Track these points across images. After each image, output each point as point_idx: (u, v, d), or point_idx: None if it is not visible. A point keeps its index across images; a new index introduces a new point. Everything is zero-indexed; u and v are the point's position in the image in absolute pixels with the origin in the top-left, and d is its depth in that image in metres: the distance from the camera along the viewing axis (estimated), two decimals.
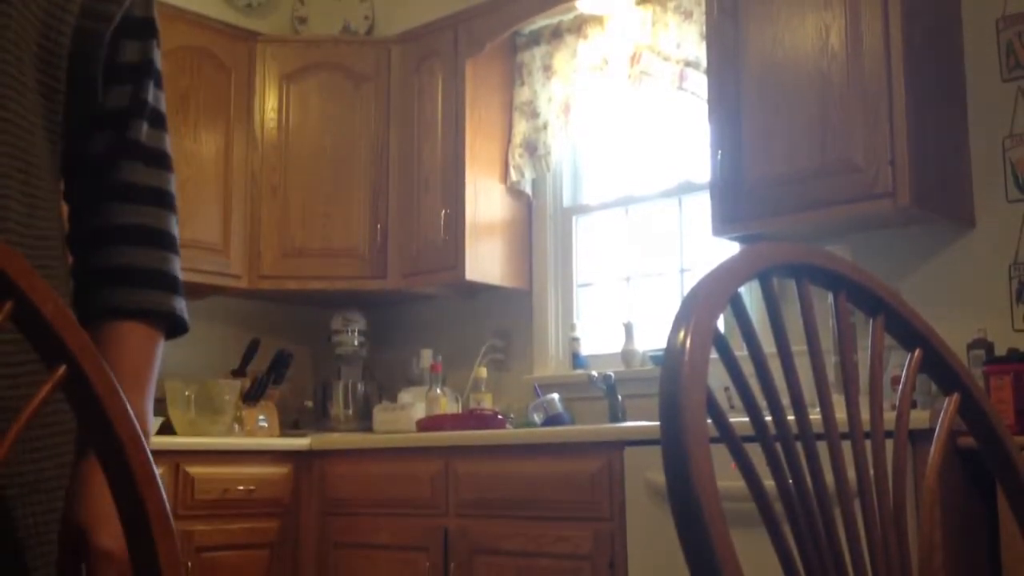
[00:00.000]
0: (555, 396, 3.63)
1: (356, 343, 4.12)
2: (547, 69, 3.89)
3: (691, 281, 3.59)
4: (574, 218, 3.96)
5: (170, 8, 3.76)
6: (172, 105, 2.55)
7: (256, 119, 4.02)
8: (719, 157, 3.12)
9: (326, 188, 4.03)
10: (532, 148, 3.90)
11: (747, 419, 0.85)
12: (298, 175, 4.03)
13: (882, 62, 2.84)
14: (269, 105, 4.05)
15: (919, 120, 2.84)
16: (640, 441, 2.90)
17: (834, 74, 2.91)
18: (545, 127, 3.85)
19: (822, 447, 0.85)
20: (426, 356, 3.96)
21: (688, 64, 3.45)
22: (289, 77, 4.10)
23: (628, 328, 3.62)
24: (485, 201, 3.90)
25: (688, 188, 3.62)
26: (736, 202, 3.08)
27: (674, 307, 2.99)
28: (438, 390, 3.84)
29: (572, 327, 3.86)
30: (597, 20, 3.74)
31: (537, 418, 3.63)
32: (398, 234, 4.00)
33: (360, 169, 4.07)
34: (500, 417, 3.61)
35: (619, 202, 3.84)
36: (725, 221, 3.11)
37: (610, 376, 3.52)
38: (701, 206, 3.46)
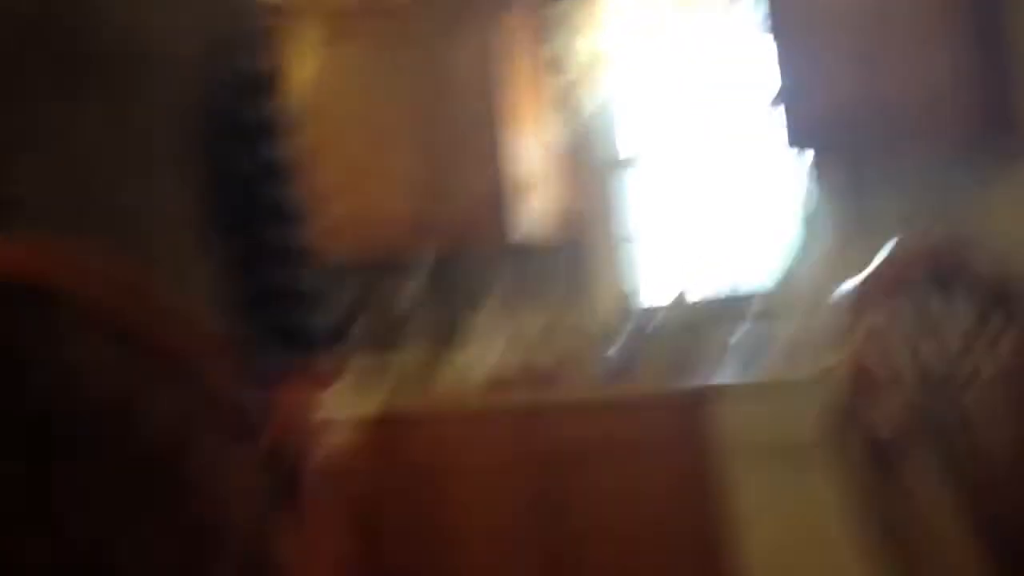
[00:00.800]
0: (612, 348, 3.75)
1: (411, 306, 4.21)
2: (580, 18, 3.88)
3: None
4: (619, 168, 4.01)
5: None
6: None
7: (293, 90, 4.02)
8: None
9: (364, 153, 4.05)
10: (569, 100, 3.93)
11: None
12: (335, 140, 4.01)
13: None
14: (306, 75, 4.05)
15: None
16: None
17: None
18: (582, 77, 3.88)
19: None
20: (483, 314, 4.05)
21: None
22: (326, 44, 4.08)
23: (686, 279, 3.74)
24: (525, 158, 3.93)
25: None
26: (810, 117, 3.15)
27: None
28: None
29: (623, 275, 3.95)
30: None
31: (597, 369, 3.75)
32: (440, 196, 4.04)
33: (398, 135, 4.08)
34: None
35: (662, 153, 3.90)
36: (799, 134, 3.19)
37: (671, 334, 3.64)
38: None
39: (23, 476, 0.72)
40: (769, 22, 3.23)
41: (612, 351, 3.71)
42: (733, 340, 3.47)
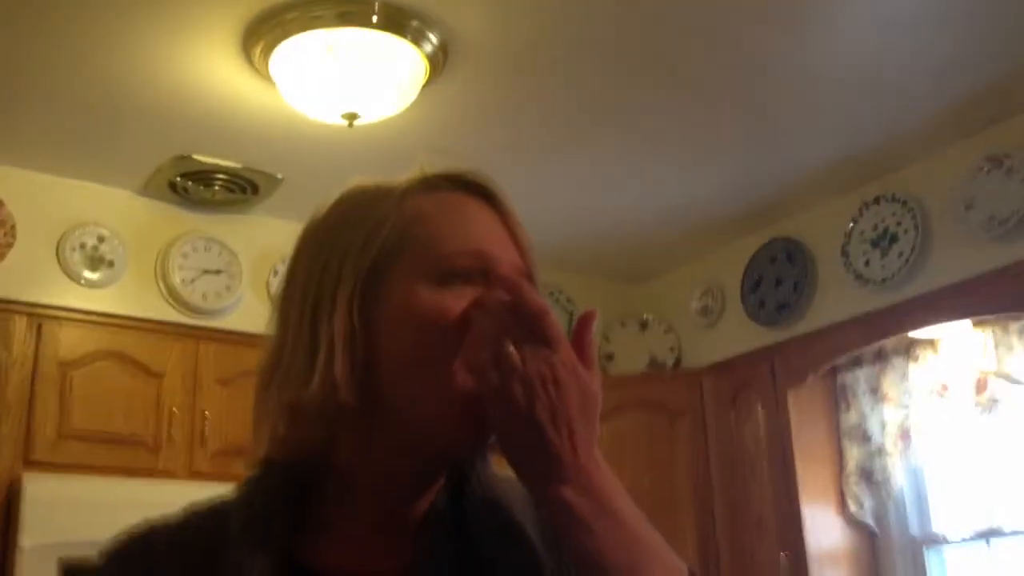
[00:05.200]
0: None
1: None
2: (875, 392, 3.73)
3: None
4: (925, 550, 3.69)
5: None
6: None
7: None
8: None
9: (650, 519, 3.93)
10: (868, 475, 3.71)
11: None
12: None
13: None
14: None
15: None
16: None
17: None
18: (880, 453, 3.66)
19: None
20: None
21: None
22: (602, 417, 4.09)
23: None
24: (825, 536, 3.70)
25: None
26: None
27: None
28: None
29: None
30: (928, 342, 3.60)
31: None
32: (732, 570, 3.84)
33: (685, 509, 3.97)
34: None
35: (979, 535, 3.56)
36: None
37: None
38: None
39: None
40: None
41: None
42: None
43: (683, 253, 4.27)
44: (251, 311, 3.63)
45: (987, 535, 3.51)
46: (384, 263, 0.86)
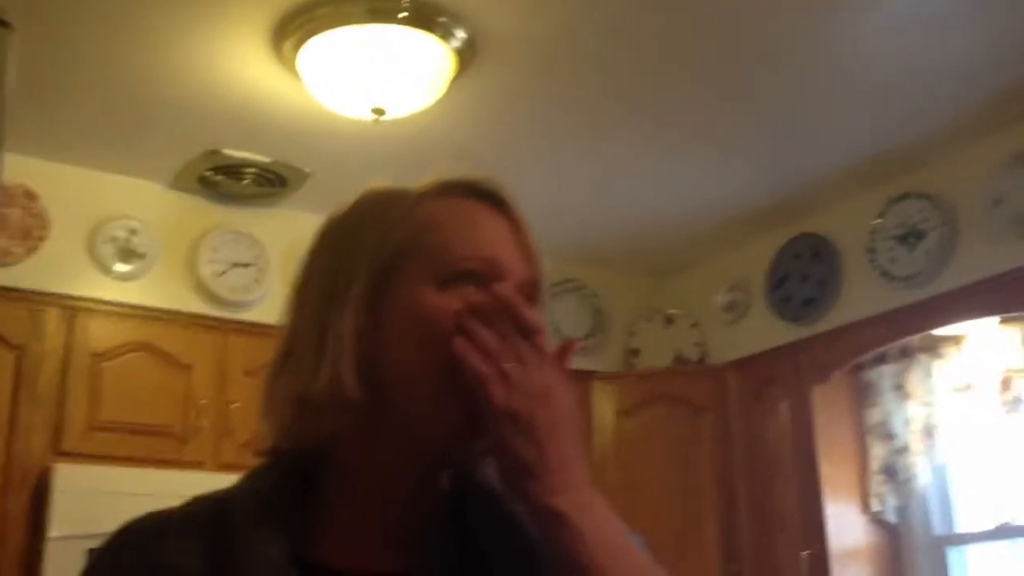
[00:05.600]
0: None
1: None
2: (899, 389, 3.72)
3: None
4: (948, 549, 3.68)
5: None
6: None
7: (595, 461, 4.03)
8: None
9: (674, 526, 3.95)
10: (892, 473, 3.70)
11: None
12: (644, 517, 3.96)
13: None
14: (608, 445, 4.07)
15: None
16: None
17: None
18: (905, 450, 3.66)
19: None
20: None
21: None
22: (627, 412, 4.12)
23: None
24: (848, 534, 3.70)
25: None
26: None
27: None
28: None
29: None
30: (953, 339, 3.59)
31: None
32: (755, 567, 3.84)
33: (708, 504, 3.98)
34: None
35: (1001, 532, 3.55)
36: None
37: None
38: None
39: None
40: None
41: None
42: None
43: (709, 248, 4.27)
44: (279, 304, 3.61)
45: (1010, 534, 3.50)
46: (395, 265, 0.89)
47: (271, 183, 3.56)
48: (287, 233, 3.75)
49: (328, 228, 0.96)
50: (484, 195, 0.93)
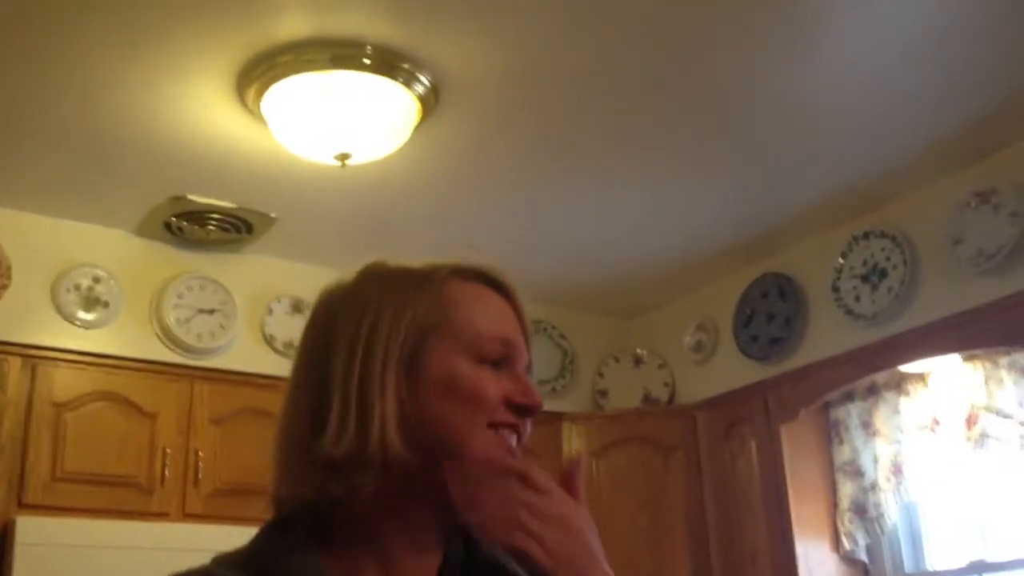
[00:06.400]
0: None
1: None
2: (867, 426, 3.74)
3: None
4: None
5: None
6: None
7: None
8: None
9: (646, 566, 3.93)
10: (862, 510, 3.71)
11: None
12: (616, 559, 3.94)
13: None
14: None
15: None
16: None
17: None
18: (874, 488, 3.67)
19: None
20: None
21: None
22: (597, 454, 4.12)
23: None
24: (819, 572, 3.69)
25: None
26: None
27: None
28: None
29: None
30: (919, 377, 3.62)
31: None
32: None
33: (679, 544, 3.97)
34: None
35: (972, 568, 3.56)
36: None
37: None
38: None
39: None
40: None
41: None
42: None
43: (676, 288, 4.29)
44: (245, 350, 3.64)
45: (980, 569, 3.51)
46: (427, 338, 1.01)
47: (236, 229, 3.55)
48: (254, 278, 3.74)
49: (338, 300, 1.05)
50: (495, 283, 1.08)
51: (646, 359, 4.42)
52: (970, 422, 3.43)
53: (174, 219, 3.47)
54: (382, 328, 1.00)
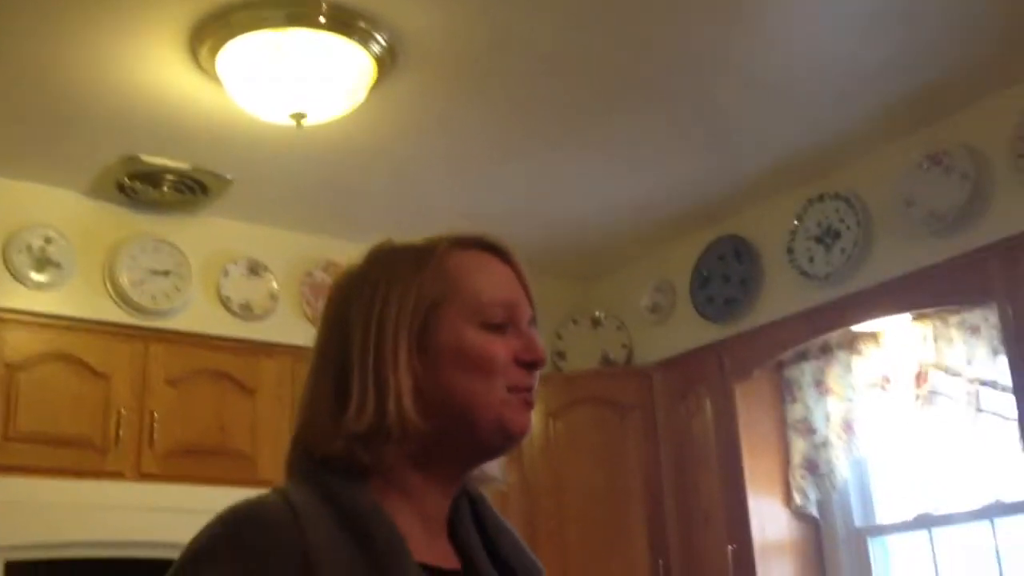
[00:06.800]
0: None
1: None
2: (820, 385, 3.80)
3: None
4: (868, 540, 3.77)
5: None
6: None
7: (525, 463, 4.04)
8: None
9: (602, 529, 3.98)
10: (813, 467, 3.78)
11: None
12: (574, 517, 4.00)
13: None
14: (536, 447, 4.09)
15: None
16: None
17: None
18: (825, 445, 3.74)
19: None
20: None
21: (984, 383, 3.33)
22: (555, 414, 4.15)
23: None
24: (771, 527, 3.77)
25: (1002, 509, 3.41)
26: None
27: None
28: None
29: None
30: (871, 336, 3.68)
31: None
32: (681, 571, 3.89)
33: (636, 502, 4.02)
34: None
35: (919, 522, 3.64)
36: None
37: None
38: (1019, 528, 3.26)
39: None
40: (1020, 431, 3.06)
41: None
42: None
43: (634, 251, 4.32)
44: (200, 312, 3.62)
45: (927, 523, 3.59)
46: (434, 308, 1.08)
47: (191, 190, 3.52)
48: (209, 240, 3.71)
49: (350, 285, 1.12)
50: (492, 248, 1.15)
51: (604, 321, 4.45)
52: (919, 380, 3.50)
53: (127, 180, 3.43)
54: (391, 307, 1.07)
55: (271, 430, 3.53)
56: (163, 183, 3.46)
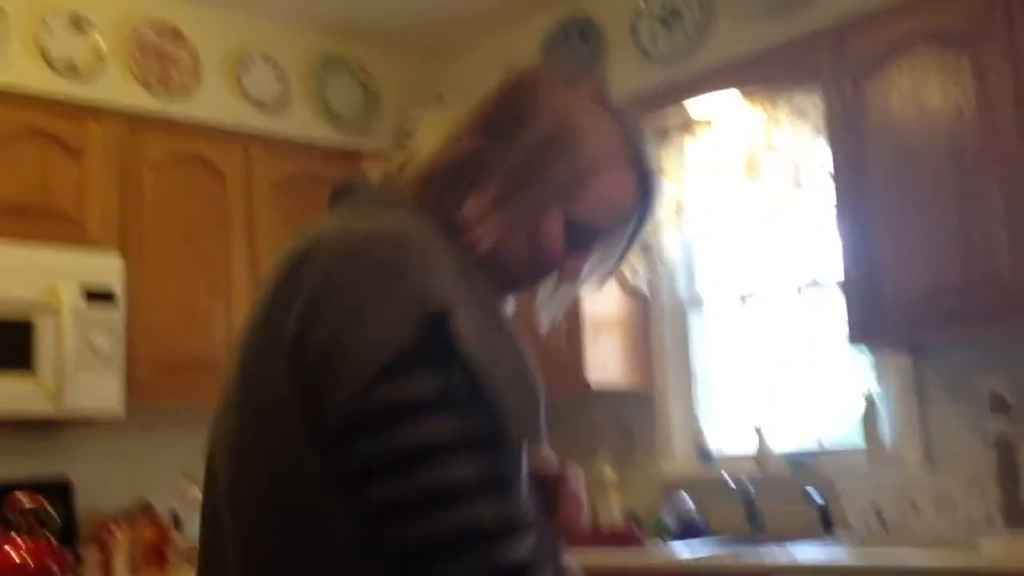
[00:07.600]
0: (686, 497, 3.66)
1: None
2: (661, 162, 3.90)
3: (821, 383, 3.58)
4: (689, 313, 3.97)
5: (279, 140, 3.90)
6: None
7: None
8: (852, 262, 3.12)
9: None
10: (645, 247, 3.91)
11: None
12: None
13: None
14: None
15: None
16: None
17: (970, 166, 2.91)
18: (657, 226, 3.87)
19: None
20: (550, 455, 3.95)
21: (806, 163, 3.47)
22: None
23: (760, 431, 3.60)
24: (603, 302, 3.90)
25: (814, 286, 3.61)
26: (873, 311, 3.07)
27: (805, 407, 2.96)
28: None
29: (696, 420, 3.87)
30: (706, 123, 3.76)
31: (671, 522, 3.64)
32: None
33: None
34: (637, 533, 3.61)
35: (738, 297, 3.83)
36: (862, 330, 3.11)
37: (748, 488, 3.52)
38: (829, 304, 3.48)
39: None
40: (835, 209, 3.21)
41: (684, 502, 3.63)
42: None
43: (479, 31, 4.25)
44: (20, 68, 3.43)
45: (744, 297, 3.80)
46: (567, 193, 1.15)
47: None
48: None
49: (539, 103, 1.19)
50: (645, 174, 1.20)
51: (450, 102, 4.40)
52: (749, 163, 3.61)
53: None
54: (557, 167, 1.14)
55: (99, 193, 3.44)
56: None
